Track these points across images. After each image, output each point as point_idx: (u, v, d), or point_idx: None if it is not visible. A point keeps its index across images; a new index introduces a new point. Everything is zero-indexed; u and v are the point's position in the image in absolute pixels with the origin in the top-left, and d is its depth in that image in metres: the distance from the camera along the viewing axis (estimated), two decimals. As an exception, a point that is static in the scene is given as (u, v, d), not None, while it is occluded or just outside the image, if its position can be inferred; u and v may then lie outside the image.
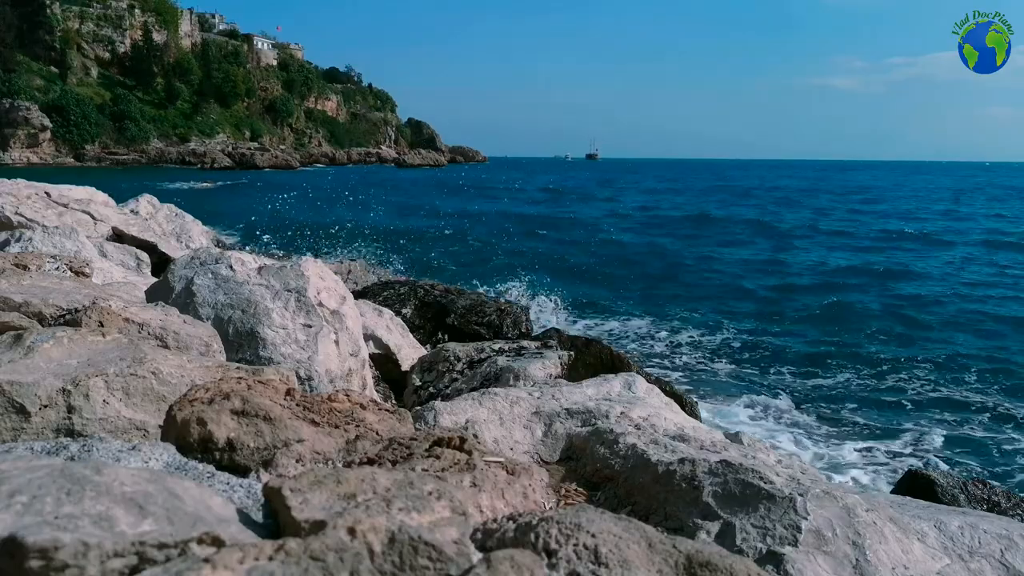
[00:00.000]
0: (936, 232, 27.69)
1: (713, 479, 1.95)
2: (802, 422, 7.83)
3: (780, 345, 11.08)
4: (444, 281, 8.40)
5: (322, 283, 3.27)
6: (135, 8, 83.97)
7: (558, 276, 16.58)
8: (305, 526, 0.94)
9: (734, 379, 9.33)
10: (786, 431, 7.56)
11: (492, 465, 1.35)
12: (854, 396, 8.74)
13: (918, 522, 1.99)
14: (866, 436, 7.53)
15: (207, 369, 1.88)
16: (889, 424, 7.88)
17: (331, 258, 13.14)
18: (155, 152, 76.72)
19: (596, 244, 22.77)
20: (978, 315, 13.62)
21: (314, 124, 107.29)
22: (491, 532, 1.03)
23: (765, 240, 24.90)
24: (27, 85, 68.32)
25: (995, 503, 3.77)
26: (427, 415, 2.57)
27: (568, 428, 2.61)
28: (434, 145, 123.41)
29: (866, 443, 7.34)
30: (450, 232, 23.54)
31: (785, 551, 1.75)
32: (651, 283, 16.32)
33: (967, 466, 6.86)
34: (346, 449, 1.44)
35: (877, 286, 16.41)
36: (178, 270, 3.19)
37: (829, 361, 10.19)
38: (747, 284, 16.41)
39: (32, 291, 2.50)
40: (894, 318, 13.23)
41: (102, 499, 0.86)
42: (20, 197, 5.74)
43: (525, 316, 6.58)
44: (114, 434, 1.61)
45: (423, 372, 4.33)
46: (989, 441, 7.52)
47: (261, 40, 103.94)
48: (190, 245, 7.25)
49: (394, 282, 7.65)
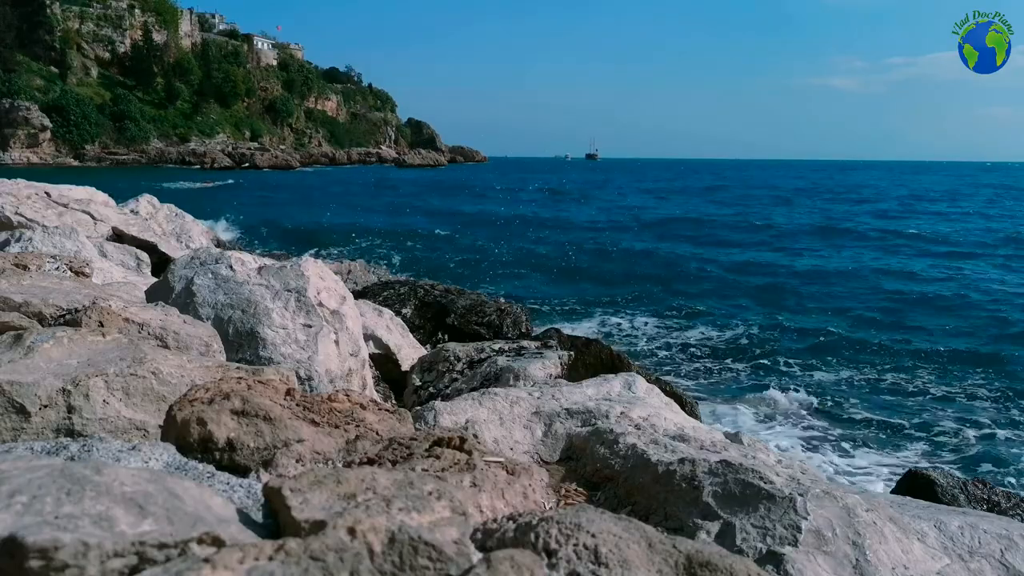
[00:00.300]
0: (940, 233, 27.70)
1: (713, 479, 1.95)
2: (802, 421, 7.83)
3: (780, 345, 11.09)
4: (444, 281, 8.41)
5: (322, 283, 3.27)
6: (135, 8, 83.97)
7: (558, 277, 16.61)
8: (305, 526, 0.94)
9: (734, 379, 9.33)
10: (786, 431, 7.57)
11: (492, 465, 1.35)
12: (854, 396, 8.74)
13: (918, 522, 1.99)
14: (867, 436, 7.53)
15: (207, 369, 1.88)
16: (889, 424, 7.88)
17: (331, 258, 13.16)
18: (155, 152, 76.73)
19: (596, 244, 22.79)
20: (983, 314, 13.63)
21: (314, 124, 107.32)
22: (491, 532, 1.03)
23: (766, 241, 24.91)
24: (27, 85, 68.34)
25: (995, 503, 3.77)
26: (427, 415, 2.57)
27: (568, 428, 2.61)
28: (434, 145, 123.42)
29: (867, 443, 7.34)
30: (445, 233, 23.57)
31: (785, 551, 1.75)
32: (652, 284, 16.32)
33: (967, 466, 6.86)
34: (346, 449, 1.44)
35: (881, 286, 16.41)
36: (178, 270, 3.19)
37: (830, 362, 10.19)
38: (747, 286, 16.41)
39: (32, 291, 2.50)
40: (897, 318, 13.23)
41: (102, 499, 0.86)
42: (20, 197, 5.74)
43: (525, 316, 6.58)
44: (114, 434, 1.61)
45: (423, 372, 4.33)
46: (990, 441, 7.52)
47: (261, 40, 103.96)
48: (190, 245, 7.25)
49: (394, 282, 7.65)
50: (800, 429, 7.64)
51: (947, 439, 7.54)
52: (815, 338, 11.57)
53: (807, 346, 11.07)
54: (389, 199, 37.11)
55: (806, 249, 22.75)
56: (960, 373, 9.80)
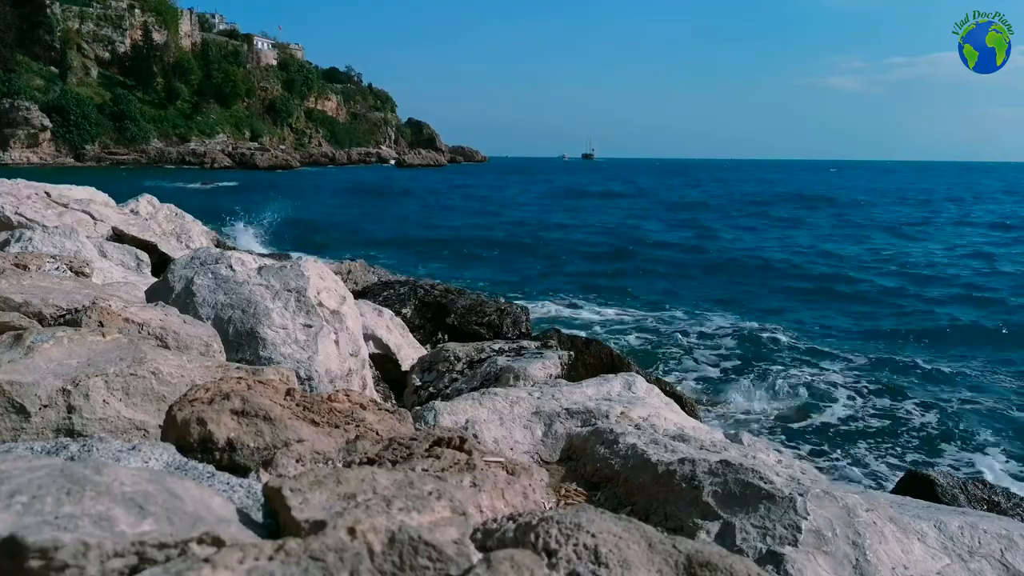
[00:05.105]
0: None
1: (713, 479, 1.95)
2: (802, 422, 7.83)
3: (780, 345, 11.09)
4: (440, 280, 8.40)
5: (322, 283, 3.27)
6: (135, 8, 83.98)
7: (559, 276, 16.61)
8: (305, 526, 0.94)
9: (734, 380, 9.33)
10: (786, 431, 7.56)
11: (492, 465, 1.35)
12: (855, 396, 8.74)
13: (918, 522, 1.99)
14: (867, 436, 7.53)
15: (207, 369, 1.88)
16: (890, 424, 7.88)
17: (331, 258, 13.14)
18: (155, 152, 76.75)
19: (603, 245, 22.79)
20: (986, 313, 13.64)
21: (314, 124, 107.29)
22: (491, 532, 1.03)
23: (771, 242, 24.91)
24: (27, 85, 68.33)
25: (995, 503, 3.77)
26: (427, 415, 2.57)
27: (568, 428, 2.61)
28: (434, 145, 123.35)
29: (867, 443, 7.34)
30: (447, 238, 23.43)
31: (785, 551, 1.75)
32: (651, 284, 16.32)
33: (967, 466, 6.86)
34: (346, 449, 1.44)
35: (889, 286, 16.39)
36: (178, 270, 3.19)
37: (830, 362, 10.19)
38: (749, 285, 16.41)
39: (32, 291, 2.50)
40: (901, 318, 13.23)
41: (102, 499, 0.86)
42: (20, 197, 5.74)
43: (525, 316, 6.57)
44: (114, 434, 1.61)
45: (423, 372, 4.33)
46: (990, 441, 7.52)
47: (261, 40, 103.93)
48: (190, 245, 7.25)
49: (394, 282, 7.64)
50: (800, 429, 7.64)
51: (948, 439, 7.54)
52: (815, 338, 11.57)
53: (807, 346, 11.07)
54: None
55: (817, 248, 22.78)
56: (962, 372, 9.80)
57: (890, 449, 7.23)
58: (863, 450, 7.17)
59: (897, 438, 7.50)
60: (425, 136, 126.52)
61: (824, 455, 7.00)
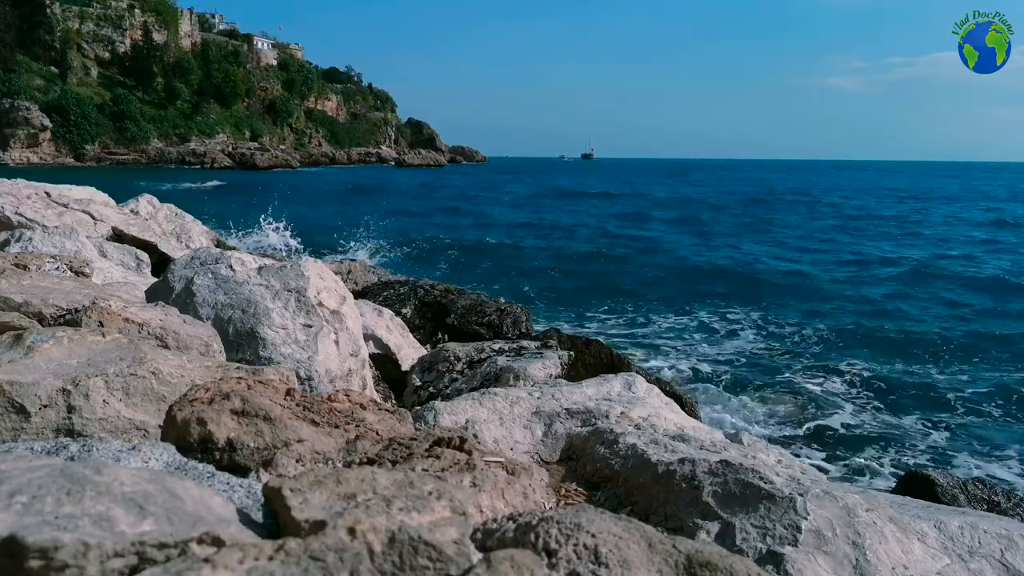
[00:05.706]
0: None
1: (713, 479, 1.95)
2: (802, 421, 7.83)
3: (780, 345, 11.09)
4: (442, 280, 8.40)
5: (322, 283, 3.27)
6: (135, 8, 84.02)
7: (559, 277, 16.61)
8: (305, 526, 0.94)
9: (734, 380, 9.33)
10: (786, 431, 7.56)
11: (492, 465, 1.35)
12: (855, 396, 8.74)
13: (918, 522, 1.99)
14: (867, 436, 7.53)
15: (207, 369, 1.88)
16: (890, 424, 7.88)
17: (331, 258, 13.15)
18: (155, 152, 76.80)
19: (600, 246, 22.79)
20: (987, 316, 13.63)
21: (314, 124, 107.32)
22: (491, 532, 1.03)
23: (771, 243, 24.90)
24: (27, 85, 68.37)
25: (995, 503, 3.77)
26: (427, 415, 2.57)
27: (568, 428, 2.61)
28: (434, 145, 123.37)
29: (867, 442, 7.34)
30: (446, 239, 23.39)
31: (785, 551, 1.75)
32: (653, 285, 16.32)
33: (967, 466, 6.86)
34: (346, 449, 1.44)
35: (894, 291, 16.37)
36: (178, 270, 3.19)
37: (830, 362, 10.19)
38: (749, 286, 16.41)
39: (32, 291, 2.50)
40: (902, 320, 13.23)
41: (102, 499, 0.86)
42: (20, 197, 5.74)
43: (525, 316, 6.57)
44: (114, 434, 1.61)
45: (423, 372, 4.33)
46: (990, 441, 7.52)
47: (261, 40, 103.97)
48: (190, 245, 7.25)
49: (394, 282, 7.63)
50: (800, 429, 7.64)
51: (948, 439, 7.54)
52: (815, 338, 11.57)
53: (808, 347, 11.07)
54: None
55: (812, 248, 22.78)
56: (963, 370, 9.81)
57: (890, 449, 7.23)
58: (863, 450, 7.17)
59: (898, 439, 7.50)
60: (425, 136, 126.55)
61: (824, 455, 7.00)
